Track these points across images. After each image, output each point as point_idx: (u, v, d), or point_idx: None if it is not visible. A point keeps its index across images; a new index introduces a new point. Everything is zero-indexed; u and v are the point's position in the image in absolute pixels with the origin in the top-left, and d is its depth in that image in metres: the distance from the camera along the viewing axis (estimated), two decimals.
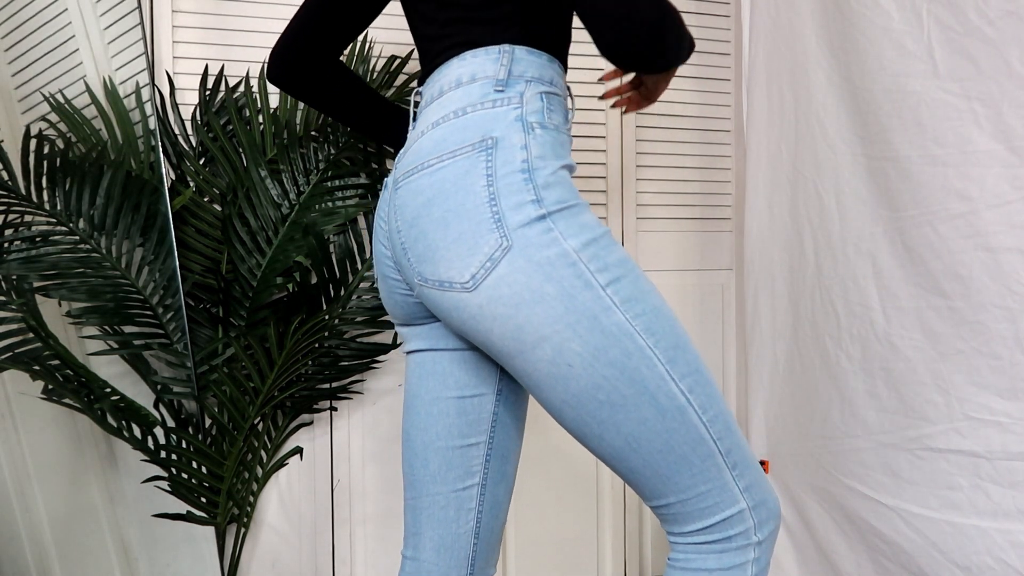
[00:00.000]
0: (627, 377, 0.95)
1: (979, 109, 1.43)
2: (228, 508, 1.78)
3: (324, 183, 1.81)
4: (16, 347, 1.65)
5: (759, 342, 1.98)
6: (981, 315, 1.45)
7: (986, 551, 1.46)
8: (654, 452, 0.97)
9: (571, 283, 0.95)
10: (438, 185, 0.99)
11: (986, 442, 1.46)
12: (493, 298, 0.96)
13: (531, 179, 0.96)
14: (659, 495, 1.00)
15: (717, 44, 2.25)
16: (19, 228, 1.69)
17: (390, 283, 1.12)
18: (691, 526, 1.00)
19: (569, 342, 0.95)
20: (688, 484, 0.98)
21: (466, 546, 1.16)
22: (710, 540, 1.00)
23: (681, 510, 1.00)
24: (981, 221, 1.44)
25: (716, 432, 0.98)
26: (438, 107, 1.04)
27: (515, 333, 0.96)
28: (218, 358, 1.76)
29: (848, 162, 1.69)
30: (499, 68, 1.02)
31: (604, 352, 0.95)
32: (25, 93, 1.72)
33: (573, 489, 2.16)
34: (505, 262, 0.95)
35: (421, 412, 1.15)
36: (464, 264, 0.96)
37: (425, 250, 1.00)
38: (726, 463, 0.99)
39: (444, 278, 0.98)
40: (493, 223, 0.95)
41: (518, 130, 0.99)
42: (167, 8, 1.81)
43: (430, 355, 1.15)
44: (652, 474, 0.99)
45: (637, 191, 2.18)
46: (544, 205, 0.96)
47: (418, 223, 1.00)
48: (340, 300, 1.82)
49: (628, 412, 0.96)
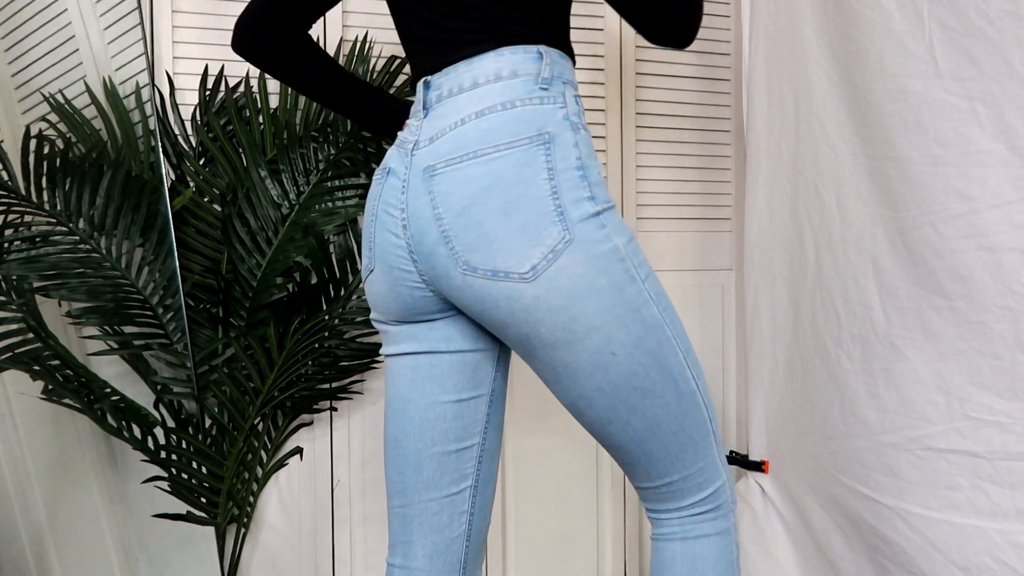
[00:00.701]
0: (658, 364, 1.04)
1: (980, 109, 1.43)
2: (228, 508, 1.78)
3: (324, 183, 1.81)
4: (16, 347, 1.65)
5: (759, 342, 1.98)
6: (982, 315, 1.45)
7: (985, 551, 1.46)
8: (670, 434, 1.06)
9: (620, 277, 1.01)
10: (496, 173, 0.99)
11: (986, 442, 1.46)
12: (551, 289, 0.99)
13: (585, 176, 1.01)
14: (666, 474, 1.09)
15: (717, 44, 2.25)
16: (19, 228, 1.69)
17: (397, 275, 1.09)
18: (690, 499, 1.10)
19: (616, 332, 1.01)
20: (691, 460, 1.08)
21: (459, 550, 1.16)
22: (706, 509, 1.11)
23: (683, 486, 1.09)
24: (982, 221, 1.43)
25: (711, 413, 1.11)
26: (473, 98, 1.04)
27: (567, 324, 1.00)
28: (218, 358, 1.76)
29: (848, 162, 1.69)
30: (542, 67, 1.05)
31: (643, 341, 1.02)
32: (25, 93, 1.72)
33: (573, 489, 2.16)
34: (566, 255, 0.98)
35: (415, 418, 1.13)
36: (525, 255, 0.99)
37: (478, 239, 1.00)
38: (715, 440, 1.11)
39: (500, 267, 0.99)
40: (556, 216, 0.99)
41: (567, 128, 1.03)
42: (167, 8, 1.81)
43: (427, 357, 1.13)
44: (664, 455, 1.07)
45: (637, 191, 2.18)
46: (598, 202, 1.01)
47: (471, 211, 1.00)
48: (340, 300, 1.82)
49: (655, 397, 1.04)
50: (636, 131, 2.18)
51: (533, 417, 2.10)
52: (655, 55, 2.19)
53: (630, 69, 2.16)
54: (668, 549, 1.11)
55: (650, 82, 2.19)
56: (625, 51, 2.16)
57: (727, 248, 2.29)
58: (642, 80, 2.18)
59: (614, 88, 2.15)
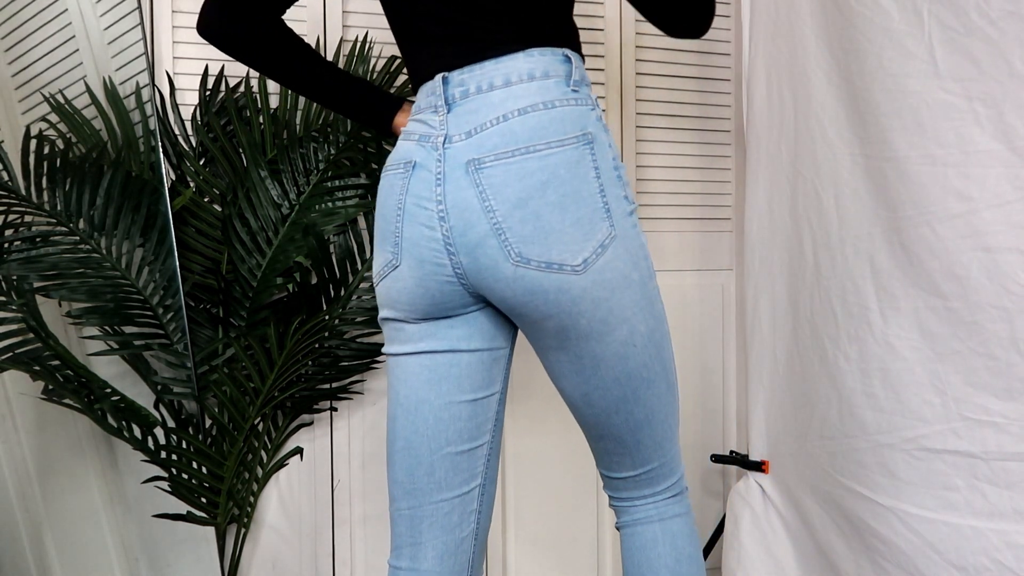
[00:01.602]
0: (660, 356, 1.11)
1: (980, 109, 1.43)
2: (228, 508, 1.78)
3: (324, 183, 1.81)
4: (16, 347, 1.65)
5: (759, 342, 1.98)
6: (978, 315, 1.45)
7: (982, 551, 1.45)
8: (659, 422, 1.14)
9: (646, 272, 1.09)
10: (551, 169, 1.03)
11: (982, 443, 1.46)
12: (598, 282, 1.04)
13: (620, 177, 1.08)
14: (649, 461, 1.16)
15: (717, 44, 2.25)
16: (19, 228, 1.69)
17: (428, 269, 1.08)
18: (664, 483, 1.19)
19: (640, 324, 1.08)
20: (669, 447, 1.17)
21: (468, 549, 1.16)
22: (675, 493, 1.20)
23: (660, 471, 1.17)
24: (980, 221, 1.43)
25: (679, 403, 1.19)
26: (509, 95, 1.05)
27: (605, 315, 1.05)
28: (218, 358, 1.76)
29: (847, 162, 1.69)
30: (572, 69, 1.09)
31: (654, 334, 1.10)
32: (25, 93, 1.73)
33: (573, 489, 2.17)
34: (611, 249, 1.04)
35: (430, 418, 1.12)
36: (579, 247, 1.03)
37: (535, 231, 1.03)
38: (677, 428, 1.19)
39: (555, 260, 1.03)
40: (604, 212, 1.04)
41: (602, 130, 1.08)
42: (167, 8, 1.81)
43: (446, 357, 1.12)
44: (652, 442, 1.15)
45: (637, 191, 2.18)
46: (631, 201, 1.08)
47: (529, 204, 1.03)
48: (340, 300, 1.82)
49: (654, 387, 1.11)
50: (636, 131, 2.18)
51: (533, 417, 2.10)
52: (655, 55, 2.19)
53: (630, 69, 2.16)
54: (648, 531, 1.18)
55: (650, 82, 2.19)
56: (625, 51, 2.16)
57: (727, 248, 2.29)
58: (642, 80, 2.18)
59: (614, 88, 2.15)
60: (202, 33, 1.23)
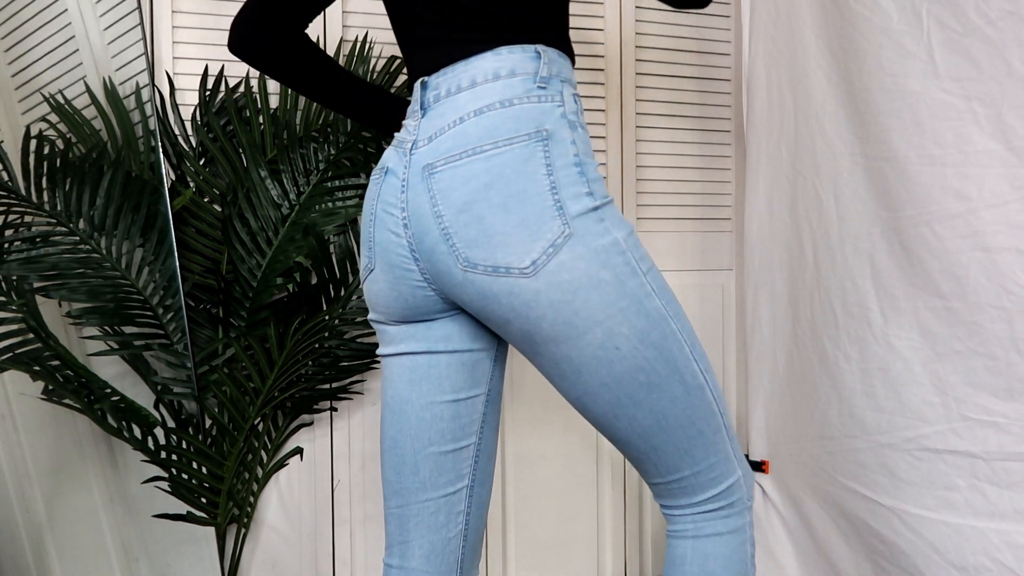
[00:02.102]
0: (664, 358, 1.03)
1: (979, 109, 1.43)
2: (228, 508, 1.78)
3: (324, 183, 1.81)
4: (16, 348, 1.65)
5: (759, 342, 1.98)
6: (977, 315, 1.45)
7: (983, 552, 1.46)
8: (677, 428, 1.05)
9: (622, 270, 1.01)
10: (497, 170, 1.00)
11: (983, 443, 1.46)
12: (552, 284, 0.99)
13: (583, 173, 1.02)
14: (676, 469, 1.08)
15: (717, 44, 2.25)
16: (19, 228, 1.69)
17: (398, 274, 1.09)
18: (701, 495, 1.09)
19: (620, 326, 1.01)
20: (702, 456, 1.07)
21: (456, 550, 1.16)
22: (719, 507, 1.09)
23: (694, 481, 1.08)
24: (979, 221, 1.43)
25: (721, 407, 1.08)
26: (473, 96, 1.04)
27: (569, 318, 1.00)
28: (218, 359, 1.76)
29: (847, 162, 1.69)
30: (540, 66, 1.05)
31: (647, 335, 1.02)
32: (25, 93, 1.72)
33: (573, 489, 2.16)
34: (566, 249, 0.99)
35: (412, 418, 1.13)
36: (525, 249, 0.99)
37: (479, 235, 1.00)
38: (728, 435, 1.09)
39: (501, 263, 1.00)
40: (556, 211, 0.99)
41: (565, 126, 1.03)
42: (167, 8, 1.81)
43: (425, 358, 1.13)
44: (672, 449, 1.06)
45: (637, 191, 2.18)
46: (596, 198, 1.01)
47: (472, 208, 1.00)
48: (340, 300, 1.82)
49: (662, 391, 1.04)
50: (636, 131, 2.18)
51: (533, 417, 2.10)
52: (655, 55, 2.19)
53: (630, 69, 2.16)
54: (680, 546, 1.10)
55: (650, 82, 2.19)
56: (625, 51, 2.16)
57: (727, 248, 2.29)
58: (642, 80, 2.18)
59: (614, 88, 2.15)
60: (234, 51, 1.27)
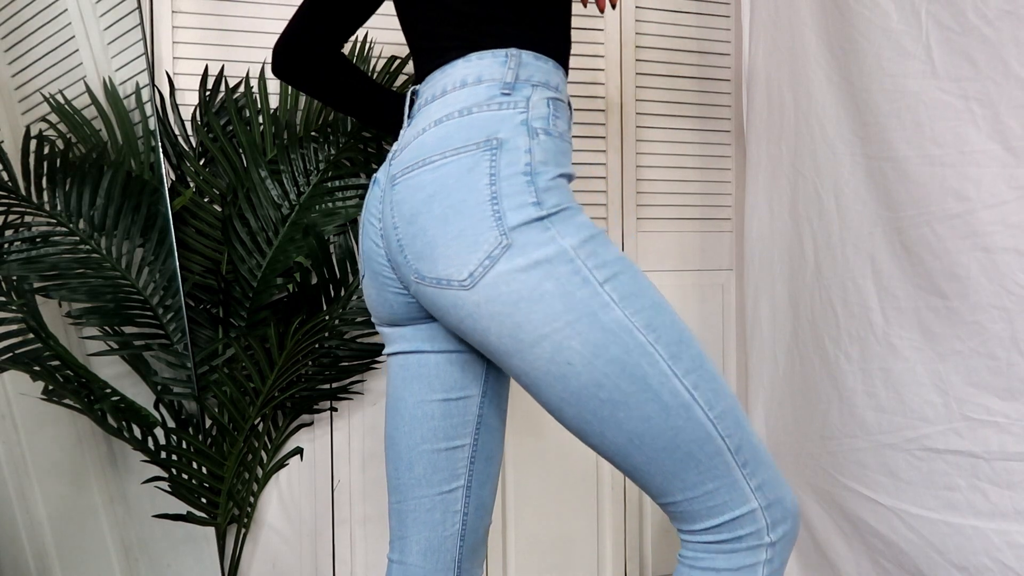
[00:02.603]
0: (628, 374, 0.94)
1: (977, 109, 1.43)
2: (228, 508, 1.78)
3: (324, 183, 1.81)
4: (16, 348, 1.65)
5: (759, 342, 1.98)
6: (978, 315, 1.45)
7: (983, 551, 1.45)
8: (659, 449, 0.96)
9: (569, 280, 0.94)
10: (440, 181, 0.98)
11: (984, 443, 1.46)
12: (491, 296, 0.95)
13: (533, 182, 0.97)
14: (666, 492, 0.99)
15: (717, 44, 2.25)
16: (19, 229, 1.69)
17: (382, 281, 1.10)
18: (700, 524, 0.98)
19: (569, 340, 0.94)
20: (695, 482, 0.96)
21: (452, 548, 1.16)
22: (719, 540, 0.97)
23: (688, 508, 0.98)
24: (978, 221, 1.43)
25: (724, 429, 0.96)
26: (441, 106, 1.03)
27: (513, 331, 0.95)
28: (218, 359, 1.76)
29: (847, 162, 1.69)
30: (506, 71, 1.03)
31: (604, 349, 0.94)
32: (25, 93, 1.73)
33: (573, 489, 2.16)
34: (504, 260, 0.94)
35: (406, 415, 1.14)
36: (463, 262, 0.96)
37: (423, 247, 0.99)
38: (735, 461, 0.97)
39: (442, 275, 0.97)
40: (494, 221, 0.95)
41: (523, 134, 0.99)
42: (167, 8, 1.81)
43: (415, 357, 1.14)
44: (657, 471, 0.97)
45: (637, 191, 2.18)
46: (544, 207, 0.96)
47: (417, 219, 0.99)
48: (340, 300, 1.82)
49: (630, 409, 0.95)
50: (636, 131, 2.18)
51: (533, 417, 2.10)
52: (655, 55, 2.19)
53: (630, 69, 2.16)
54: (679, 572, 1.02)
55: (650, 82, 2.19)
56: (625, 51, 2.16)
57: (727, 248, 2.29)
58: (642, 80, 2.18)
59: (614, 88, 2.15)
60: (277, 74, 1.30)
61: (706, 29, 2.24)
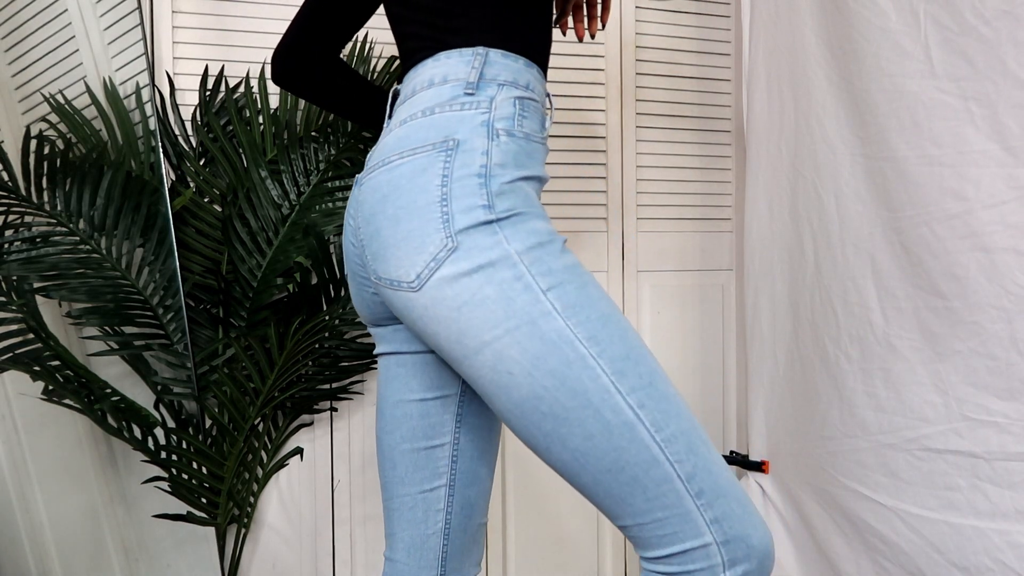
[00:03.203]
0: (568, 388, 0.90)
1: (975, 109, 1.43)
2: (228, 508, 1.78)
3: (324, 184, 1.81)
4: (16, 348, 1.65)
5: (759, 342, 1.98)
6: (977, 315, 1.45)
7: (984, 551, 1.45)
8: (603, 471, 0.92)
9: (510, 285, 0.92)
10: (395, 182, 0.97)
11: (984, 443, 1.46)
12: (436, 299, 0.94)
13: (486, 184, 0.95)
14: (615, 515, 0.94)
15: (717, 44, 2.25)
16: (19, 229, 1.69)
17: (359, 280, 1.11)
18: (652, 552, 0.93)
19: (508, 348, 0.91)
20: (643, 508, 0.91)
21: (435, 547, 1.16)
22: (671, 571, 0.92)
23: (639, 534, 0.93)
24: (977, 221, 1.43)
25: (673, 454, 0.90)
26: (408, 106, 1.03)
27: (458, 337, 0.94)
28: (218, 359, 1.76)
29: (847, 162, 1.69)
30: (470, 71, 1.01)
31: (543, 360, 0.91)
32: (25, 93, 1.73)
33: (573, 489, 2.16)
34: (449, 263, 0.93)
35: (387, 415, 1.15)
36: (411, 263, 0.95)
37: (379, 247, 0.98)
38: (687, 490, 0.90)
39: (393, 276, 0.97)
40: (441, 223, 0.93)
41: (482, 135, 0.98)
42: (167, 8, 1.81)
43: (394, 358, 1.14)
44: (604, 493, 0.93)
45: (637, 191, 2.18)
46: (494, 211, 0.94)
47: (374, 219, 0.99)
48: (340, 300, 1.82)
49: (572, 426, 0.91)
50: (636, 131, 2.18)
51: None
52: (655, 55, 2.19)
53: (630, 69, 2.16)
54: None
55: (650, 82, 2.19)
56: (625, 51, 2.16)
57: (727, 248, 2.29)
58: (642, 80, 2.18)
59: (614, 88, 2.15)
60: (276, 82, 1.30)
61: (706, 29, 2.24)
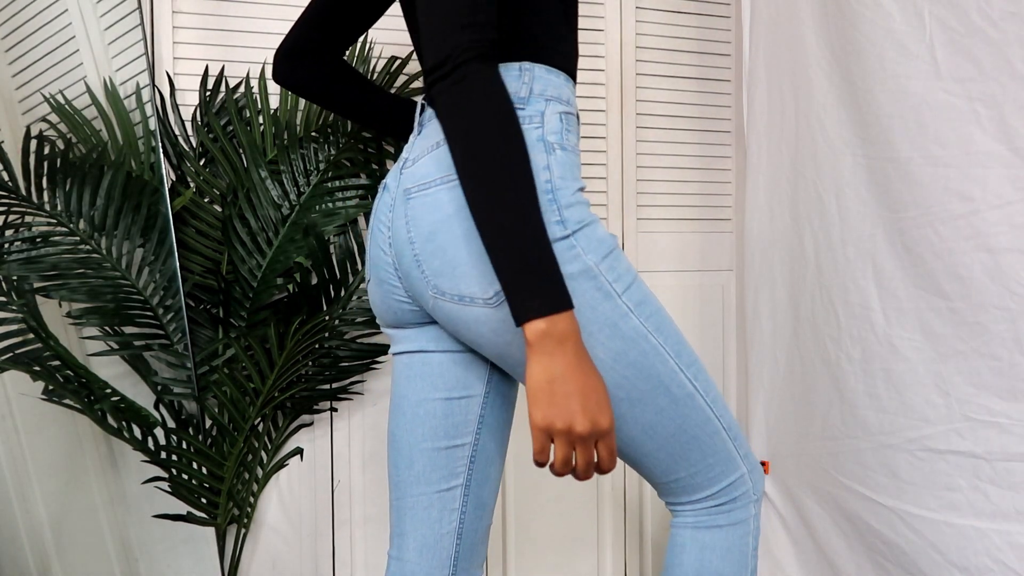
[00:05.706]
0: (644, 374, 1.02)
1: (981, 110, 1.43)
2: (228, 509, 1.78)
3: (324, 184, 1.81)
4: (16, 348, 1.65)
5: (759, 343, 1.98)
6: (981, 316, 1.45)
7: (985, 552, 1.46)
8: (668, 436, 1.06)
9: (592, 295, 0.99)
10: (460, 200, 0.98)
11: (986, 443, 1.46)
12: None
13: (555, 200, 0.99)
14: (671, 471, 1.09)
15: (717, 44, 2.25)
16: (19, 229, 1.69)
17: (387, 288, 1.11)
18: (701, 493, 1.11)
19: (592, 349, 0.99)
20: (698, 458, 1.08)
21: (449, 546, 1.16)
22: (720, 502, 1.11)
23: (691, 481, 1.10)
24: (982, 222, 1.44)
25: (718, 410, 1.09)
26: None
27: None
28: (218, 359, 1.76)
29: (848, 163, 1.69)
30: (520, 85, 1.03)
31: (624, 355, 1.01)
32: (25, 94, 1.72)
33: (573, 489, 2.17)
34: None
35: (408, 413, 1.15)
36: (489, 280, 0.98)
37: (443, 265, 1.00)
38: (728, 435, 1.10)
39: (465, 293, 0.99)
40: None
41: (540, 151, 1.01)
42: (167, 8, 1.81)
43: (419, 356, 1.14)
44: (666, 455, 1.08)
45: (637, 191, 2.18)
46: (567, 226, 0.98)
47: (436, 237, 1.00)
48: (340, 301, 1.82)
49: (645, 405, 1.04)
50: (636, 131, 2.18)
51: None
52: (655, 55, 2.19)
53: (630, 69, 2.16)
54: (680, 535, 1.14)
55: (650, 82, 2.19)
56: (625, 51, 2.16)
57: (727, 248, 2.29)
58: (642, 80, 2.18)
59: (614, 88, 2.15)
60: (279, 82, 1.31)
61: (706, 29, 2.24)
